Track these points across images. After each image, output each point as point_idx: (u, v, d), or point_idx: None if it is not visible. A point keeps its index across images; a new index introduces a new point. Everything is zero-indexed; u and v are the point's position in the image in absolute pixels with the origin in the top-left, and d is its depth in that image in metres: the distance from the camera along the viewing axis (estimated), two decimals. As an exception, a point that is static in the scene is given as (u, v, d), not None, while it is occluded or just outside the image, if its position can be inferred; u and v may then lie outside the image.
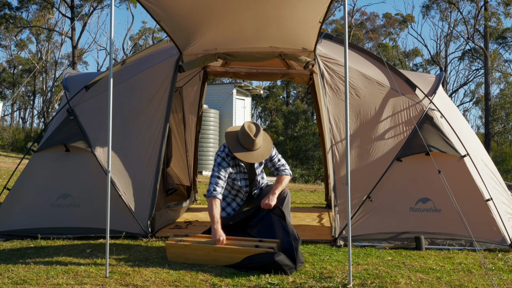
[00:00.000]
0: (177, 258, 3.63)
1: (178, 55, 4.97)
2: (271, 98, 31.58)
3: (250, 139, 3.81)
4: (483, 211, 4.27)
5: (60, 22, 30.02)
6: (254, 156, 3.87)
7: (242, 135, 3.85)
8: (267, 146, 3.95)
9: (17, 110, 40.14)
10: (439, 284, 3.15)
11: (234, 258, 3.47)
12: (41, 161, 4.72)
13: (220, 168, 3.89)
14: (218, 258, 3.52)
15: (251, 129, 3.86)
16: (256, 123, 3.96)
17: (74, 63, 24.12)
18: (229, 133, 3.97)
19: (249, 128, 3.87)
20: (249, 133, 3.82)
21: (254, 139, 3.81)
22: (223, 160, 3.92)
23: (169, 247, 3.64)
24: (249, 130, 3.85)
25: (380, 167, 4.45)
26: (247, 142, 3.83)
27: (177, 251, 3.62)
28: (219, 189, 3.81)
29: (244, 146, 3.85)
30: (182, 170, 6.97)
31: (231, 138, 3.92)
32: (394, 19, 33.02)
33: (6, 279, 3.14)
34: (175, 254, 3.63)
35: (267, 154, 3.93)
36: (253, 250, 3.42)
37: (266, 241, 3.53)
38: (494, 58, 27.23)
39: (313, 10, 3.87)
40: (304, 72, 6.27)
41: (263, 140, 3.95)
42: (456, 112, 5.26)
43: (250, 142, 3.82)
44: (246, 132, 3.82)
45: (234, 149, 3.85)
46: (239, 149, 3.85)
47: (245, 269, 3.38)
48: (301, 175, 18.76)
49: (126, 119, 4.78)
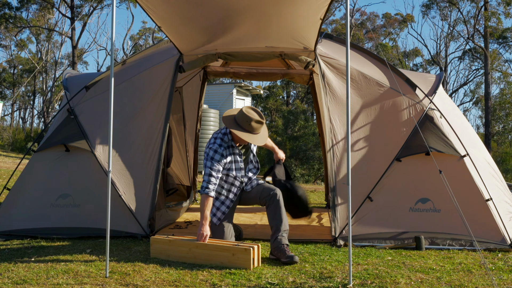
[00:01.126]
0: (159, 255, 3.74)
1: (179, 55, 4.97)
2: (271, 98, 31.58)
3: (258, 121, 3.88)
4: (483, 211, 4.27)
5: (60, 22, 30.07)
6: (258, 139, 3.94)
7: (246, 118, 3.87)
8: (265, 128, 4.04)
9: (17, 110, 40.17)
10: (439, 284, 3.15)
11: (213, 256, 3.53)
12: (41, 161, 4.73)
13: (212, 163, 3.85)
14: (199, 255, 3.59)
15: (255, 113, 3.92)
16: (253, 107, 4.00)
17: (74, 63, 24.12)
18: (227, 117, 3.98)
19: (252, 112, 3.92)
20: (256, 116, 3.88)
21: (262, 120, 3.89)
22: (215, 152, 3.88)
23: (153, 242, 3.77)
24: (253, 114, 3.90)
25: (380, 167, 4.46)
26: (254, 126, 3.87)
27: (161, 247, 3.74)
28: (212, 186, 3.82)
29: (247, 130, 3.88)
30: (182, 170, 6.97)
31: (231, 122, 3.94)
32: (393, 19, 33.03)
33: (6, 279, 3.14)
34: (158, 250, 3.75)
35: (266, 136, 4.04)
36: (233, 248, 3.48)
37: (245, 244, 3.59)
38: (494, 58, 27.24)
39: (314, 6, 3.87)
40: (304, 72, 6.27)
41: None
42: (456, 112, 5.26)
43: (257, 125, 3.88)
44: (251, 115, 3.88)
45: (239, 132, 3.87)
46: (244, 131, 3.89)
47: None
48: (301, 175, 18.76)
49: (126, 119, 4.78)
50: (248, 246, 3.48)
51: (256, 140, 3.92)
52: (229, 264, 3.48)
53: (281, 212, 3.86)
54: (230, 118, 3.96)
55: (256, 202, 4.04)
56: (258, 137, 3.95)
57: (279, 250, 3.73)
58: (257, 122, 3.89)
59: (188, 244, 3.65)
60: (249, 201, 4.11)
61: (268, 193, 3.92)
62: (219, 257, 3.53)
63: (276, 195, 3.90)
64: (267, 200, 3.91)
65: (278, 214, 3.85)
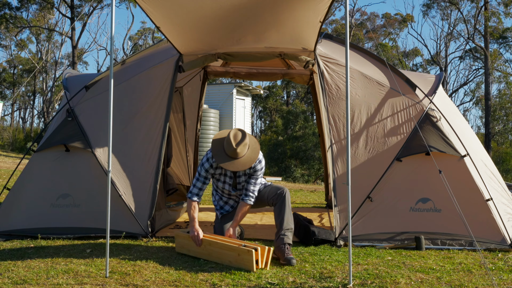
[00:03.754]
0: (181, 249, 3.91)
1: (178, 55, 4.97)
2: (271, 98, 31.59)
3: (232, 148, 3.77)
4: (483, 211, 4.27)
5: (60, 22, 30.07)
6: (235, 165, 3.80)
7: (226, 142, 3.82)
8: (252, 155, 3.86)
9: (17, 110, 40.18)
10: (439, 284, 3.15)
11: (223, 254, 3.56)
12: (41, 161, 4.72)
13: (201, 169, 3.99)
14: (212, 252, 3.65)
15: (236, 138, 3.80)
16: (244, 131, 3.88)
17: (74, 63, 24.12)
18: (216, 140, 3.93)
19: (234, 136, 3.81)
20: (232, 141, 3.77)
21: (235, 148, 3.75)
22: (206, 161, 3.98)
23: (177, 237, 3.93)
24: (234, 138, 3.79)
25: (380, 167, 4.45)
26: (229, 150, 3.79)
27: (182, 242, 3.89)
28: (196, 190, 3.96)
29: (227, 154, 3.82)
30: (182, 170, 6.97)
31: (217, 145, 3.89)
32: (393, 19, 33.04)
33: (6, 279, 3.14)
34: (180, 245, 3.91)
35: (249, 164, 3.83)
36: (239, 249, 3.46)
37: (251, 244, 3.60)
38: (494, 58, 27.22)
39: (314, 9, 3.87)
40: (304, 72, 6.27)
41: (250, 149, 3.87)
42: (456, 112, 5.27)
43: (232, 150, 3.77)
44: (229, 140, 3.78)
45: (216, 157, 3.83)
46: (222, 156, 3.82)
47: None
48: (301, 175, 18.77)
49: (126, 119, 4.78)
50: (252, 247, 3.44)
51: (230, 166, 3.79)
52: (236, 264, 3.48)
53: (286, 210, 3.86)
54: (219, 142, 3.91)
55: (265, 203, 4.05)
56: (235, 162, 3.80)
57: (279, 250, 3.73)
58: (235, 147, 3.76)
59: (203, 241, 3.72)
60: (260, 203, 4.09)
61: (275, 192, 3.94)
62: (227, 256, 3.54)
63: (282, 193, 3.90)
64: (274, 199, 3.93)
65: (282, 212, 3.85)
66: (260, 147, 3.95)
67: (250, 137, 3.92)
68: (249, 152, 3.86)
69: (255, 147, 3.91)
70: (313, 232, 4.28)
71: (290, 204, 3.92)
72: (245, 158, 3.83)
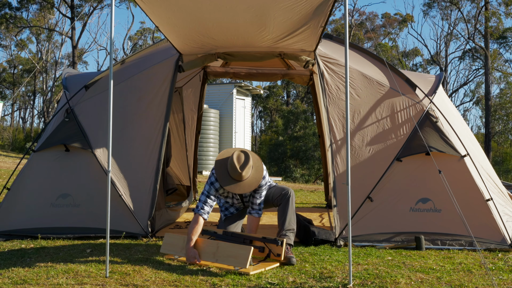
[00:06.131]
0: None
1: (178, 55, 4.97)
2: (271, 98, 31.58)
3: (237, 172, 3.71)
4: (483, 211, 4.27)
5: (60, 22, 30.04)
6: (241, 187, 3.76)
7: (230, 166, 3.76)
8: (257, 176, 3.81)
9: (17, 110, 40.18)
10: (439, 284, 3.15)
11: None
12: (41, 161, 4.72)
13: (211, 188, 3.85)
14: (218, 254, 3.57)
15: (239, 160, 3.75)
16: (247, 151, 3.82)
17: (74, 63, 24.12)
18: (218, 162, 3.86)
19: (238, 159, 3.75)
20: (236, 165, 3.71)
21: (240, 172, 3.70)
22: (216, 180, 3.86)
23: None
24: (237, 161, 3.74)
25: (380, 167, 4.45)
26: (234, 174, 3.73)
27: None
28: (207, 208, 3.80)
29: (232, 177, 3.76)
30: (182, 170, 6.97)
31: (220, 167, 3.82)
32: (393, 19, 33.03)
33: (6, 279, 3.14)
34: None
35: (255, 185, 3.79)
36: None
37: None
38: (494, 58, 27.22)
39: (315, 14, 3.87)
40: (304, 72, 6.27)
41: (254, 169, 3.81)
42: (455, 113, 5.27)
43: (237, 174, 3.72)
44: (233, 164, 3.72)
45: (221, 180, 3.77)
46: (226, 179, 3.76)
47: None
48: (301, 175, 18.77)
49: (126, 119, 4.78)
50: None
51: (236, 189, 3.75)
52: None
53: (289, 211, 3.85)
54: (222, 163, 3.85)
55: (270, 203, 4.04)
56: (241, 185, 3.76)
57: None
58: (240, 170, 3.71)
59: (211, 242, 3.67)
60: (265, 204, 4.07)
61: (280, 193, 3.93)
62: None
63: (287, 194, 3.90)
64: (278, 199, 3.92)
65: (285, 213, 3.85)
66: (262, 164, 3.89)
67: (253, 156, 3.85)
68: (253, 172, 3.80)
69: (259, 166, 3.85)
70: (313, 232, 4.28)
71: (294, 205, 3.92)
72: (250, 179, 3.78)
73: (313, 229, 4.30)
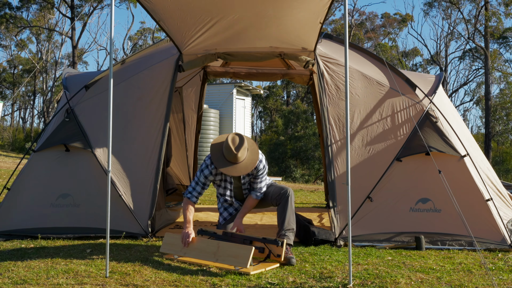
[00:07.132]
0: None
1: (178, 54, 4.96)
2: (271, 98, 31.59)
3: (232, 153, 3.74)
4: (483, 211, 4.27)
5: (60, 22, 30.04)
6: (237, 169, 3.78)
7: (225, 148, 3.79)
8: (252, 157, 3.84)
9: (17, 110, 40.18)
10: (439, 284, 3.15)
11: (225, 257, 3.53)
12: (41, 161, 4.72)
13: (200, 175, 3.96)
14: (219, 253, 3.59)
15: (234, 142, 3.78)
16: (241, 134, 3.86)
17: (74, 63, 24.12)
18: (214, 145, 3.91)
19: (232, 141, 3.78)
20: (231, 146, 3.74)
21: (235, 153, 3.73)
22: (206, 167, 3.94)
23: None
24: (232, 143, 3.77)
25: (380, 167, 4.45)
26: (230, 156, 3.76)
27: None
28: (196, 193, 3.95)
29: (227, 159, 3.79)
30: (182, 170, 6.97)
31: (216, 151, 3.86)
32: (393, 19, 33.03)
33: (6, 279, 3.14)
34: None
35: (251, 167, 3.81)
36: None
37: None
38: (494, 58, 27.22)
39: (314, 11, 3.87)
40: (304, 72, 6.27)
41: (249, 151, 3.85)
42: (454, 113, 5.27)
43: (232, 156, 3.75)
44: (228, 145, 3.75)
45: (217, 163, 3.81)
46: (222, 162, 3.80)
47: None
48: (302, 175, 18.77)
49: (126, 118, 4.78)
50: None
51: (232, 171, 3.78)
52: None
53: (288, 210, 3.85)
54: (218, 147, 3.89)
55: (269, 203, 4.05)
56: (237, 167, 3.78)
57: (279, 250, 3.73)
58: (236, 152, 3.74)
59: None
60: (263, 203, 4.10)
61: (279, 192, 3.93)
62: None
63: (286, 193, 3.90)
64: (278, 199, 3.93)
65: (284, 212, 3.85)
66: (258, 148, 3.94)
67: (248, 139, 3.90)
68: (249, 154, 3.84)
69: (254, 149, 3.89)
70: (313, 232, 4.28)
71: (293, 205, 3.92)
72: (246, 162, 3.81)
73: (313, 229, 4.30)
